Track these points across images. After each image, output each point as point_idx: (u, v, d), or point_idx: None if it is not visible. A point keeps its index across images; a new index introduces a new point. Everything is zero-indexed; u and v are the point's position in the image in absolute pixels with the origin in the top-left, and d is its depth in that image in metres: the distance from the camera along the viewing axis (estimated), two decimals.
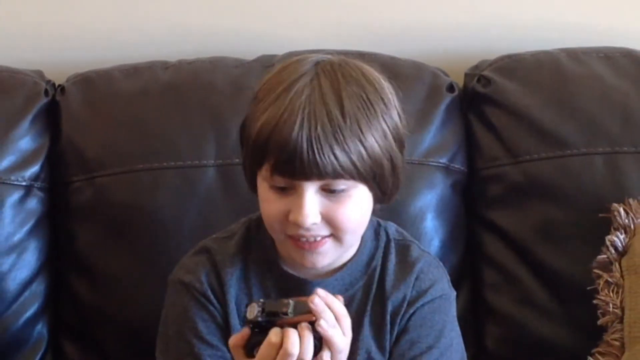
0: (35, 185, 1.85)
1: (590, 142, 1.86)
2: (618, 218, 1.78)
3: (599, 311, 1.74)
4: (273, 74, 1.51)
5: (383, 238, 1.58)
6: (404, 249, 1.58)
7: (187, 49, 1.99)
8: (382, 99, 1.46)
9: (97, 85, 1.91)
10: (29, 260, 1.84)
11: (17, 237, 1.83)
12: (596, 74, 1.91)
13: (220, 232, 1.62)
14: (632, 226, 1.77)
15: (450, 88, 1.91)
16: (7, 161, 1.82)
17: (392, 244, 1.58)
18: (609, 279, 1.75)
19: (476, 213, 1.91)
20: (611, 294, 1.74)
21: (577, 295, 1.78)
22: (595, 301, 1.74)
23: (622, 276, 1.75)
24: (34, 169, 1.85)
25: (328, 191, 1.45)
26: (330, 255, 1.50)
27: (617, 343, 1.71)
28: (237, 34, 2.03)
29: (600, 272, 1.76)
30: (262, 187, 1.48)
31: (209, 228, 1.69)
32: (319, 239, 1.47)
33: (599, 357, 1.71)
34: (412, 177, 1.75)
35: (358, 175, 1.44)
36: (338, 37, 1.97)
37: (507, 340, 1.86)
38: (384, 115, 1.46)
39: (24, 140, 1.85)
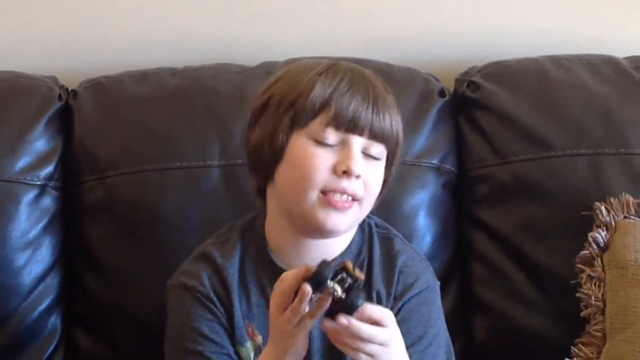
0: (50, 185, 1.86)
1: (574, 144, 1.86)
2: (600, 216, 1.79)
3: (581, 304, 1.75)
4: (292, 67, 1.57)
5: (366, 230, 1.60)
6: (387, 241, 1.60)
7: (193, 56, 1.99)
8: (393, 98, 1.54)
9: (107, 90, 1.92)
10: (44, 255, 1.85)
11: (32, 233, 1.84)
12: (579, 80, 1.92)
13: (213, 237, 1.63)
14: (613, 223, 1.78)
15: (442, 93, 1.92)
16: (23, 162, 1.84)
17: (376, 237, 1.59)
18: (591, 273, 1.76)
19: (466, 211, 1.92)
20: (593, 287, 1.75)
21: (561, 289, 1.79)
22: (578, 294, 1.76)
23: (603, 270, 1.76)
24: (48, 169, 1.86)
25: (367, 155, 1.49)
26: (350, 220, 1.52)
27: (599, 334, 1.72)
28: (239, 42, 2.03)
29: (583, 267, 1.77)
30: (302, 145, 1.48)
31: (213, 225, 1.70)
32: (350, 199, 1.49)
33: (582, 347, 1.72)
34: (405, 177, 1.77)
35: (391, 145, 1.51)
36: (335, 45, 1.97)
37: (495, 332, 1.87)
38: (398, 113, 1.53)
39: (39, 142, 1.86)
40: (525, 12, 2.06)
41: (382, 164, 1.54)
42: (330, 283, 1.35)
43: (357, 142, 1.49)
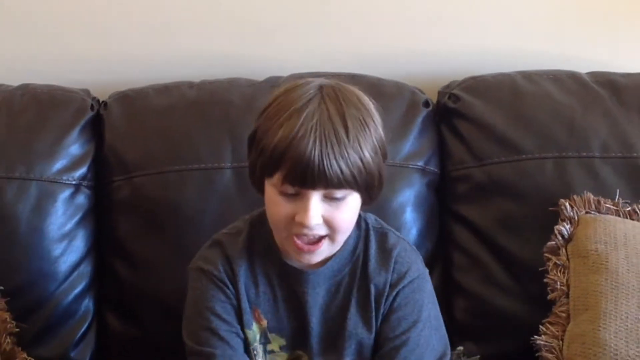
0: (83, 184, 1.88)
1: (542, 149, 1.87)
2: (564, 211, 1.81)
3: (548, 288, 1.76)
4: (281, 93, 1.49)
5: (363, 227, 1.59)
6: (382, 236, 1.58)
7: (209, 71, 2.00)
8: (373, 120, 1.47)
9: (134, 101, 1.93)
10: (78, 246, 1.87)
11: (68, 227, 1.86)
12: (546, 92, 1.92)
13: (228, 228, 1.61)
14: (576, 218, 1.80)
15: (426, 103, 1.92)
16: (60, 164, 1.85)
17: (372, 232, 1.59)
18: (557, 262, 1.77)
19: (447, 207, 1.93)
20: (559, 274, 1.77)
21: (530, 275, 1.81)
22: (545, 280, 1.77)
23: (567, 259, 1.78)
24: (82, 170, 1.88)
25: (329, 198, 1.45)
26: (323, 254, 1.50)
27: (563, 314, 1.74)
28: (249, 60, 2.04)
29: (549, 256, 1.78)
30: (271, 191, 1.47)
31: (226, 218, 1.70)
32: (317, 237, 1.47)
33: (549, 326, 1.74)
34: (394, 178, 1.77)
35: (356, 185, 1.44)
36: (332, 62, 1.98)
37: (472, 312, 1.88)
38: (374, 133, 1.46)
39: (74, 147, 1.88)
40: (499, 33, 2.07)
41: (351, 197, 1.48)
42: None
43: (313, 195, 1.44)
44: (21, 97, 1.91)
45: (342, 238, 1.50)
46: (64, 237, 1.85)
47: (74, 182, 1.87)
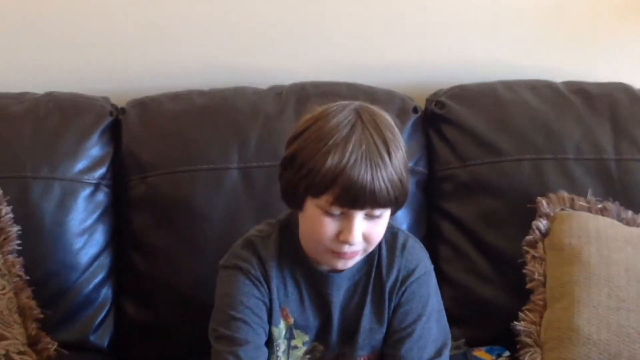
0: (102, 183, 1.89)
1: (520, 151, 1.88)
2: (541, 208, 1.82)
3: (527, 278, 1.78)
4: (317, 118, 1.46)
5: None
6: (393, 235, 1.57)
7: (217, 80, 2.01)
8: (400, 140, 1.47)
9: (149, 108, 1.93)
10: (97, 239, 1.88)
11: (88, 222, 1.87)
12: (524, 100, 1.93)
13: (256, 230, 1.59)
14: (552, 214, 1.82)
15: (415, 110, 1.93)
16: (81, 165, 1.87)
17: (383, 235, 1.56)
18: (535, 254, 1.79)
19: (434, 204, 1.94)
20: (536, 265, 1.79)
21: (510, 266, 1.82)
22: (524, 271, 1.79)
23: (544, 252, 1.80)
24: (101, 171, 1.89)
25: (370, 216, 1.44)
26: (357, 260, 1.50)
27: (540, 302, 1.76)
28: (254, 70, 2.06)
29: (528, 249, 1.80)
30: (314, 211, 1.45)
31: (233, 215, 1.77)
32: (354, 252, 1.46)
33: (528, 313, 1.75)
34: None
35: (395, 202, 1.45)
36: (330, 72, 2.00)
37: (457, 300, 1.88)
38: (404, 153, 1.47)
39: (94, 149, 1.89)
40: (482, 46, 2.09)
41: (385, 215, 1.47)
42: None
43: (357, 215, 1.43)
44: (46, 104, 1.91)
45: (372, 249, 1.50)
46: (84, 231, 1.86)
47: (94, 181, 1.88)
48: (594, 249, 1.75)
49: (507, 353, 1.80)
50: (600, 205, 1.84)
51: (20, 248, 1.79)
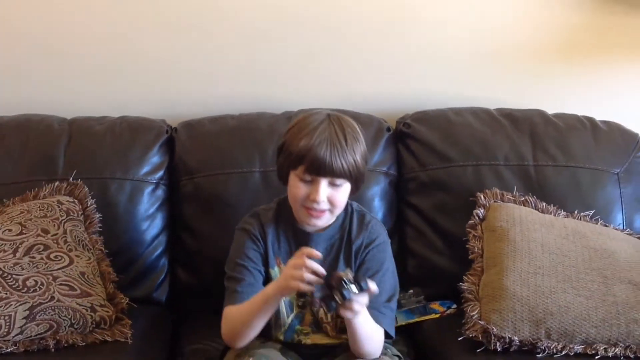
0: (161, 183, 2.07)
1: (465, 159, 2.06)
2: (480, 200, 2.02)
3: (469, 252, 1.96)
4: (300, 119, 1.65)
5: (349, 209, 1.74)
6: (361, 215, 1.74)
7: (244, 107, 2.17)
8: (361, 138, 1.66)
9: (194, 128, 2.11)
10: (157, 224, 2.06)
11: (151, 211, 2.06)
12: (468, 122, 2.11)
13: (264, 205, 1.77)
14: (487, 205, 2.01)
15: (388, 129, 2.11)
16: (145, 169, 2.06)
17: (355, 213, 1.74)
18: (475, 234, 1.97)
19: (402, 198, 2.11)
20: (476, 242, 1.96)
21: (458, 243, 2.00)
22: (467, 246, 1.97)
23: (482, 232, 1.97)
24: (160, 173, 2.07)
25: (332, 184, 1.62)
26: (325, 221, 1.67)
27: (479, 269, 1.93)
28: (271, 100, 2.22)
29: (470, 230, 1.98)
30: (294, 179, 1.63)
31: (256, 205, 1.84)
32: (321, 210, 1.64)
33: (470, 277, 1.92)
34: (367, 178, 1.83)
35: (350, 177, 1.62)
36: (327, 101, 2.14)
37: (419, 268, 2.08)
38: (362, 146, 1.65)
39: (155, 158, 2.07)
40: (437, 82, 2.25)
41: (345, 185, 1.62)
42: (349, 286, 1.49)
43: (322, 181, 1.59)
44: (120, 125, 2.09)
45: (337, 212, 1.67)
46: (148, 217, 2.04)
47: (155, 181, 2.05)
48: (517, 230, 1.91)
49: (454, 305, 1.98)
50: (522, 199, 2.02)
51: (101, 229, 1.97)
